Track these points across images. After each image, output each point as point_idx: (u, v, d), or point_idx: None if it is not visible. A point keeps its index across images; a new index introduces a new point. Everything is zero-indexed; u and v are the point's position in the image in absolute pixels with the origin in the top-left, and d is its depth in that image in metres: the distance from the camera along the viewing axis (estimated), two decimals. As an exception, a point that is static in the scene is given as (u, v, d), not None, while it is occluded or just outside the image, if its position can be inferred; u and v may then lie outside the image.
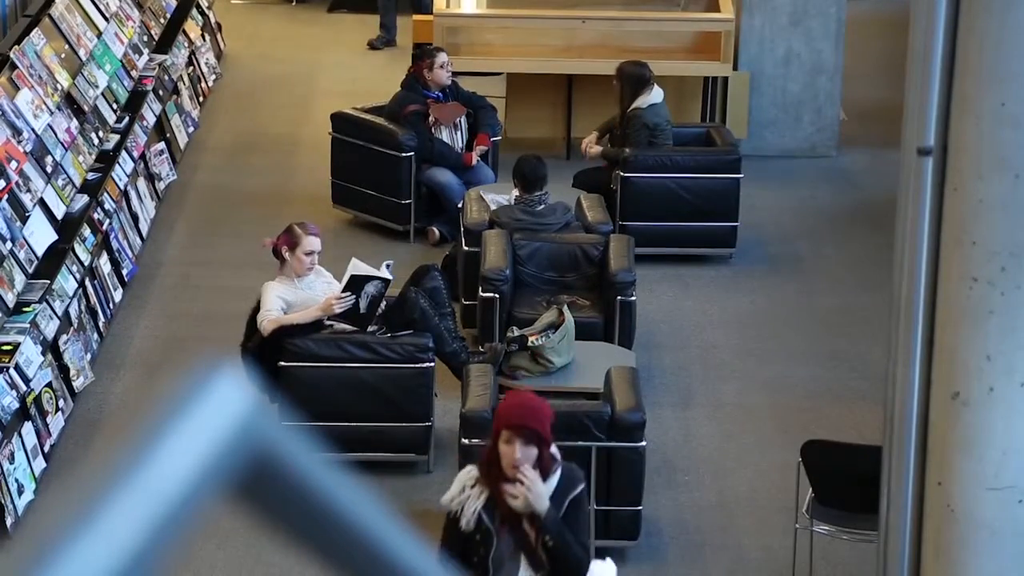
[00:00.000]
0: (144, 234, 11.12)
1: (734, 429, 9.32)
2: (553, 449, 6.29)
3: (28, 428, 8.54)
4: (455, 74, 11.54)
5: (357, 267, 8.78)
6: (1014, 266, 5.17)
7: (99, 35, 10.49)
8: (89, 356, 9.52)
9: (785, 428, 9.18)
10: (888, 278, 5.63)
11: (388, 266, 8.89)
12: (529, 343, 8.90)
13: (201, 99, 13.55)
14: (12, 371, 8.41)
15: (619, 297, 9.45)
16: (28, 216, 8.85)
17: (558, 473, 6.26)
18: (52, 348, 9.01)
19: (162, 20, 12.31)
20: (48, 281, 9.06)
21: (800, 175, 12.63)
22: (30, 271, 8.83)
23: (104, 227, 10.12)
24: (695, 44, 12.74)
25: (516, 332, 9.00)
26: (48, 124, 9.30)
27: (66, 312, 9.24)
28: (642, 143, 11.11)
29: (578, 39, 12.68)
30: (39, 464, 8.56)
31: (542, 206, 10.04)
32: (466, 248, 10.00)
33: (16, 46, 9.35)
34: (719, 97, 12.81)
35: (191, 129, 12.92)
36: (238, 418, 1.61)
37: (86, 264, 9.66)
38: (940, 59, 5.22)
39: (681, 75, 12.61)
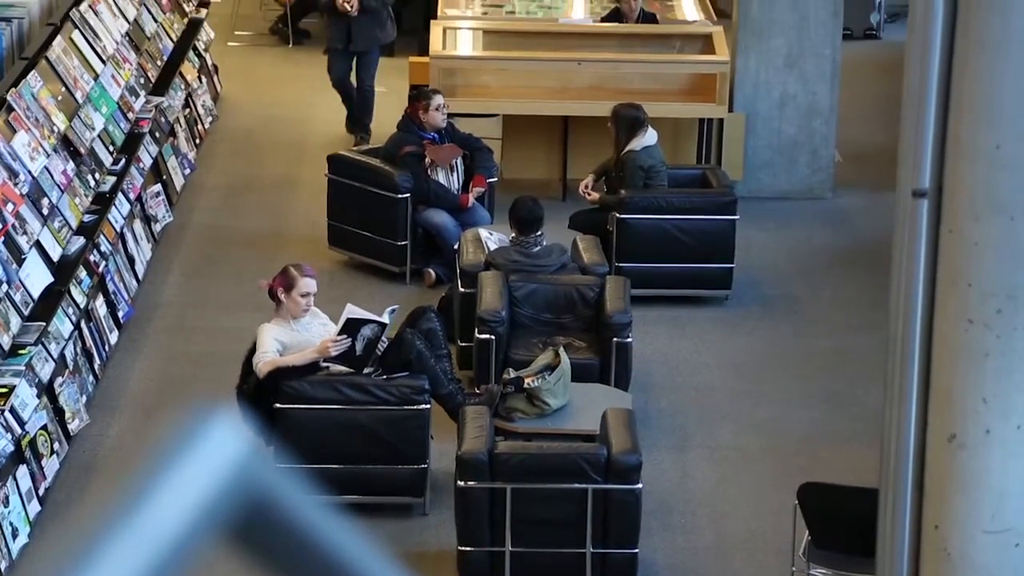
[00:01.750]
0: (140, 276, 11.12)
1: (730, 471, 9.30)
2: None
3: (23, 471, 8.52)
4: (451, 116, 11.57)
5: (353, 311, 8.78)
6: (1010, 308, 5.17)
7: (96, 77, 10.51)
8: (85, 398, 9.51)
9: (781, 470, 9.16)
10: (884, 320, 5.63)
11: (391, 312, 8.88)
12: (525, 385, 8.89)
13: (197, 141, 13.57)
14: (7, 414, 8.39)
15: (615, 339, 9.45)
16: (24, 258, 8.84)
17: None
18: (47, 391, 8.99)
19: (159, 62, 12.34)
20: (44, 323, 9.05)
21: (796, 217, 12.65)
22: (26, 313, 8.82)
23: (100, 269, 10.12)
24: (691, 86, 12.77)
25: (512, 374, 8.99)
26: (45, 166, 9.30)
27: (62, 354, 9.23)
28: (637, 185, 11.13)
29: (574, 81, 12.71)
30: (34, 508, 8.54)
31: (538, 248, 10.05)
32: (462, 290, 10.00)
33: (13, 88, 9.36)
34: (714, 139, 12.84)
35: (187, 171, 12.94)
36: (233, 462, 1.61)
37: (82, 306, 9.65)
38: (935, 101, 5.23)
39: (677, 117, 12.64)
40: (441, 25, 13.14)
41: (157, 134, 12.13)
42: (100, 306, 10.15)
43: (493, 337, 9.39)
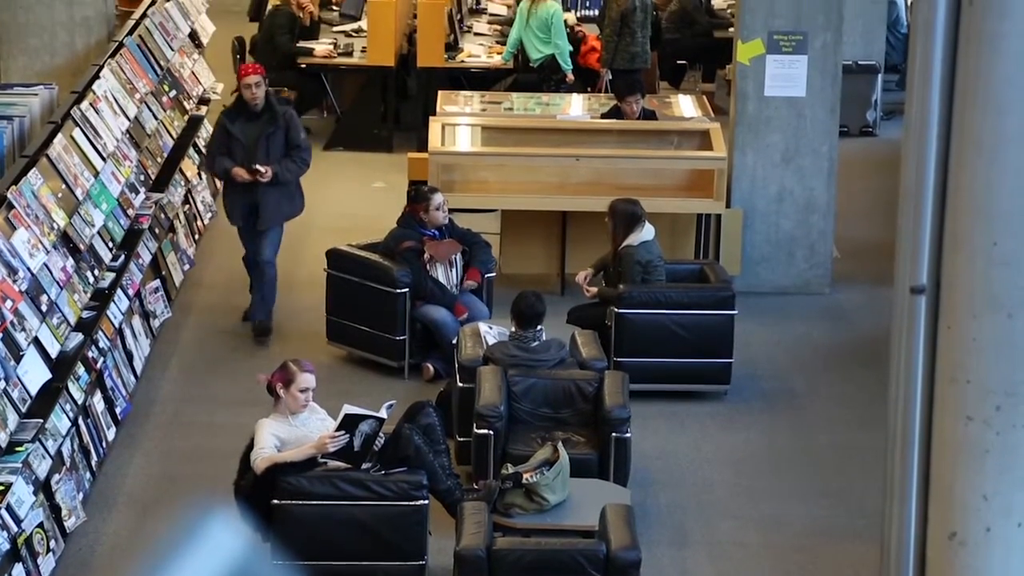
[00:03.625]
0: (138, 372, 11.10)
1: (730, 569, 9.25)
2: None
3: (19, 570, 8.46)
4: (450, 211, 11.61)
5: (350, 408, 8.77)
6: (1009, 405, 5.17)
7: (96, 175, 10.55)
8: (81, 496, 9.47)
9: (782, 568, 9.11)
10: (883, 415, 5.62)
11: (389, 407, 8.87)
12: (524, 480, 8.86)
13: (197, 237, 13.60)
14: (3, 512, 8.35)
15: (614, 434, 9.43)
16: (22, 355, 8.83)
17: None
18: (44, 488, 8.95)
19: (159, 159, 12.39)
20: (41, 420, 9.03)
21: (794, 312, 12.66)
22: (23, 410, 8.79)
23: (98, 365, 10.11)
24: (688, 182, 12.83)
25: (511, 469, 8.96)
26: (44, 263, 9.31)
27: (59, 451, 9.20)
28: (635, 280, 11.15)
29: (572, 177, 12.77)
30: (29, 605, 8.48)
31: (537, 342, 10.05)
32: (460, 384, 9.99)
33: (13, 186, 9.39)
34: (712, 234, 12.88)
35: (186, 267, 12.96)
36: (231, 560, 1.60)
37: (79, 403, 9.63)
38: (932, 199, 5.25)
39: (675, 212, 12.68)
40: (440, 121, 13.21)
41: (156, 230, 12.16)
42: (98, 402, 10.13)
43: (491, 432, 9.37)
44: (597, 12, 19.73)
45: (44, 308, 9.22)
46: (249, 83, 11.63)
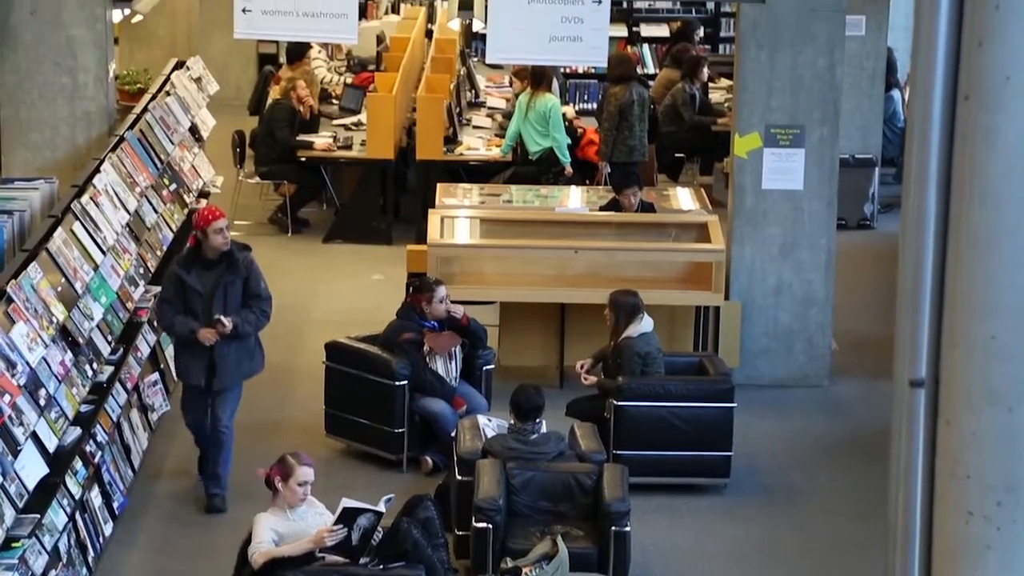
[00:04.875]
0: (136, 466, 11.06)
1: (731, 663, 9.18)
2: None
3: (14, 665, 8.40)
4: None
5: (349, 501, 8.74)
6: (1010, 501, 5.15)
7: (96, 268, 10.56)
8: (78, 590, 9.41)
9: (783, 662, 9.04)
10: (883, 510, 5.59)
11: (388, 500, 8.84)
12: (523, 575, 8.81)
13: (195, 330, 13.59)
14: (0, 607, 8.30)
15: (613, 527, 9.40)
16: (20, 450, 8.80)
17: None
18: (40, 583, 8.90)
19: (158, 252, 12.41)
20: (38, 515, 8.99)
21: (793, 405, 12.65)
22: (20, 506, 8.75)
23: (96, 459, 10.07)
24: (687, 274, 12.85)
25: (510, 563, 8.92)
26: (43, 357, 9.30)
27: (55, 547, 9.15)
28: (634, 372, 11.15)
29: (571, 269, 12.80)
30: None
31: (535, 435, 10.03)
32: (459, 477, 9.96)
33: (13, 280, 9.40)
34: (711, 326, 12.89)
35: (185, 359, 12.94)
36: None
37: (77, 497, 9.59)
38: (930, 293, 5.26)
39: (673, 305, 12.70)
40: (439, 214, 13.25)
41: (155, 323, 12.16)
42: (95, 497, 10.09)
43: (490, 526, 9.33)
44: (595, 105, 19.86)
45: (42, 402, 9.20)
46: (219, 227, 10.50)
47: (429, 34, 20.55)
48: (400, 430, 11.33)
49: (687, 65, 18.24)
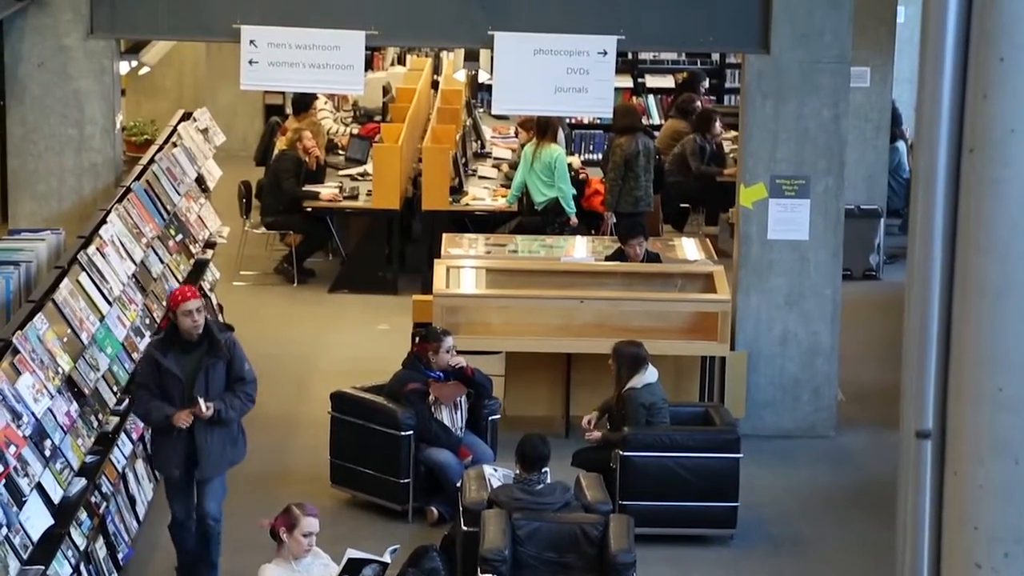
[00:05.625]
0: (141, 517, 11.04)
1: None
2: None
3: None
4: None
5: (354, 552, 8.72)
6: (1018, 553, 5.13)
7: (102, 319, 10.57)
8: (82, 642, 9.37)
9: None
10: (891, 561, 5.57)
11: (393, 551, 8.82)
12: (529, 627, 8.79)
13: (201, 380, 13.58)
14: (3, 660, 8.26)
15: (619, 579, 9.35)
16: (25, 501, 8.79)
17: None
18: (44, 636, 8.86)
19: (164, 303, 12.42)
20: (43, 567, 8.96)
21: (799, 455, 12.62)
22: (24, 557, 8.73)
23: (101, 510, 10.06)
24: (693, 324, 12.85)
25: (516, 616, 8.89)
26: (48, 408, 9.30)
27: (60, 598, 9.13)
28: (639, 422, 11.14)
29: (577, 319, 12.80)
30: None
31: (541, 485, 10.01)
32: (465, 528, 9.94)
33: (19, 331, 9.41)
34: (717, 376, 12.87)
35: (191, 410, 12.92)
36: None
37: (82, 548, 9.57)
38: (936, 344, 5.25)
39: (679, 355, 12.69)
40: (445, 264, 13.27)
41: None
42: (100, 548, 10.06)
43: (496, 577, 9.30)
44: (600, 156, 19.91)
45: (47, 453, 9.19)
46: (190, 308, 9.78)
47: (435, 85, 20.62)
48: (405, 480, 11.31)
49: (699, 119, 18.31)
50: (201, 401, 9.70)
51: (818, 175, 12.73)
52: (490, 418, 11.59)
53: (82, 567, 9.63)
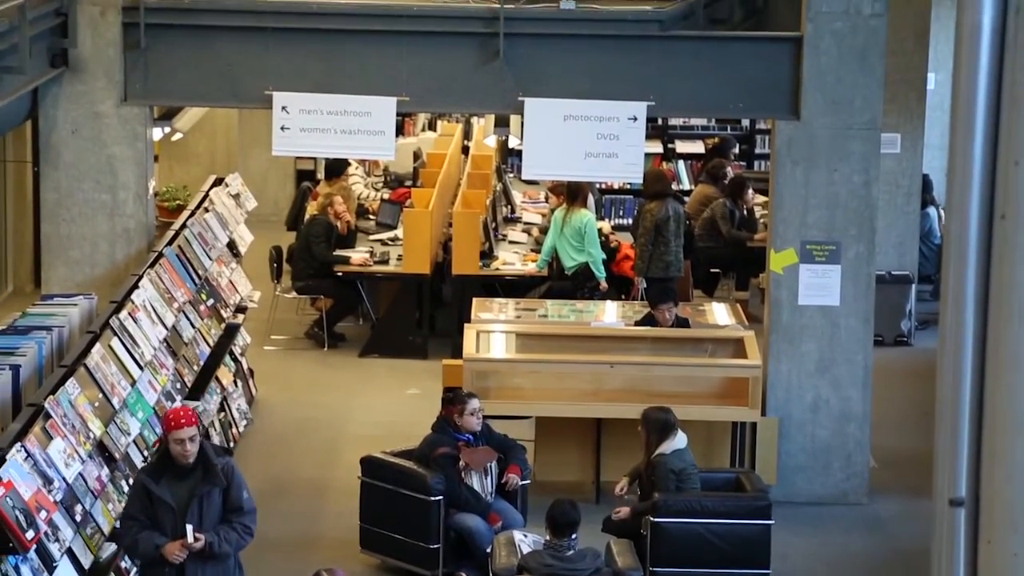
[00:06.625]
0: (171, 581, 11.01)
1: None
2: None
3: None
4: (485, 417, 11.60)
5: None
6: (1052, 622, 5.09)
7: (133, 383, 10.60)
8: None
9: None
10: (925, 631, 5.53)
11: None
12: None
13: (232, 444, 13.61)
14: None
15: (650, 647, 9.30)
16: (55, 566, 8.79)
17: None
18: None
19: (195, 367, 12.45)
20: (73, 631, 8.96)
21: (831, 522, 12.55)
22: (55, 622, 8.73)
23: (131, 575, 10.05)
24: (723, 389, 12.81)
25: None
26: (79, 473, 9.31)
27: (90, 662, 9.10)
28: (669, 488, 11.10)
29: (607, 383, 12.78)
30: None
31: (571, 551, 9.97)
32: (495, 595, 9.90)
33: (51, 396, 9.44)
34: (748, 442, 12.82)
35: (221, 474, 12.93)
36: None
37: (111, 613, 9.56)
38: (968, 412, 5.23)
39: (710, 420, 12.65)
40: (475, 328, 13.27)
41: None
42: (130, 612, 10.05)
43: (526, 645, 9.25)
44: (631, 221, 19.92)
45: (78, 518, 9.20)
46: (181, 437, 8.87)
47: (465, 150, 20.69)
48: (435, 546, 11.28)
49: (732, 184, 18.33)
50: (190, 530, 8.79)
51: (849, 241, 12.72)
52: (520, 483, 11.55)
53: (112, 632, 9.61)
